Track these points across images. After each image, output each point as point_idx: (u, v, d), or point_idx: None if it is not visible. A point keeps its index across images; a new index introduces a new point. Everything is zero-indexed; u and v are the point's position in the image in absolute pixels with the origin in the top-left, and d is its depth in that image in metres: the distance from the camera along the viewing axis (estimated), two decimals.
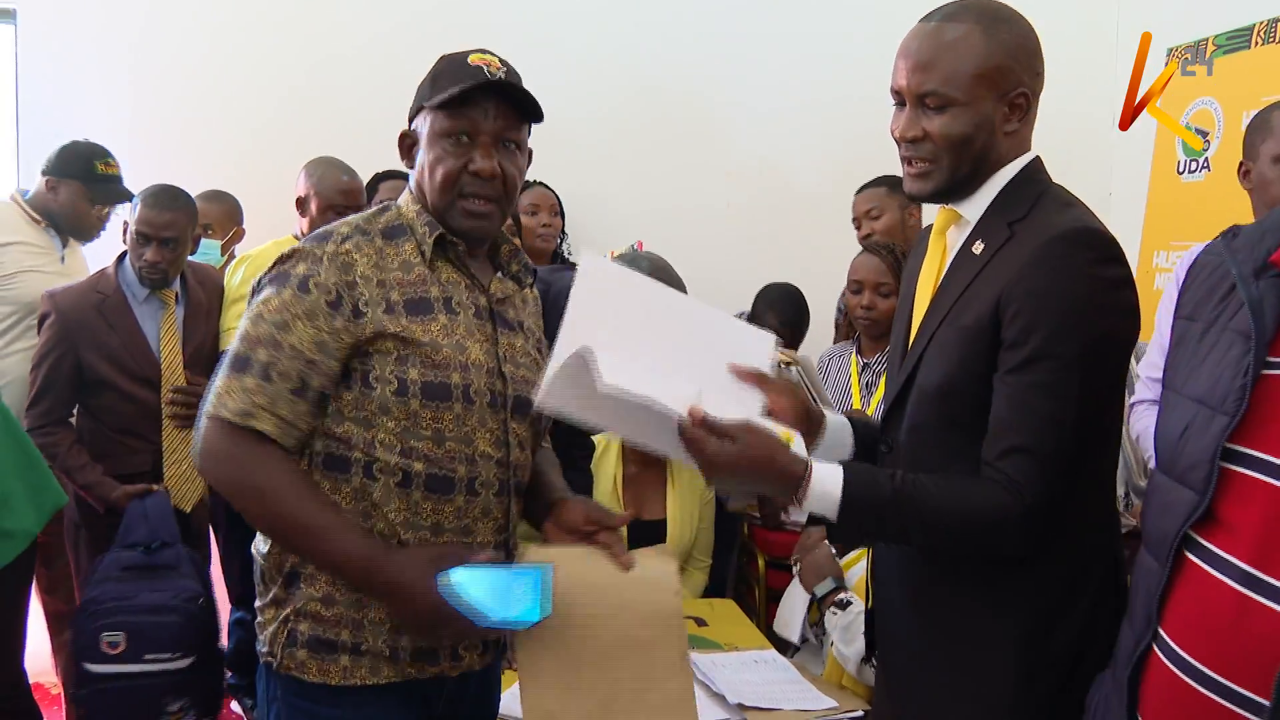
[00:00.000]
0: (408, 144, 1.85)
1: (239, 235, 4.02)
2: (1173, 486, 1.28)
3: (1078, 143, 4.56)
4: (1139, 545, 1.39)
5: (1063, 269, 1.54)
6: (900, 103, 1.71)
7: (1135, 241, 4.10)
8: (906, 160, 1.72)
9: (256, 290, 1.77)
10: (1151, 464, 1.45)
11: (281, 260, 1.75)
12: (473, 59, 1.77)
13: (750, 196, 4.71)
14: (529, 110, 1.80)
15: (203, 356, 3.36)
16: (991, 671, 1.63)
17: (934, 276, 1.76)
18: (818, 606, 2.71)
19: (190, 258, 3.83)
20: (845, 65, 4.55)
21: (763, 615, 3.34)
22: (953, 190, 1.71)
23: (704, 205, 4.64)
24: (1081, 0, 4.72)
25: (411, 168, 1.84)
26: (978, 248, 1.67)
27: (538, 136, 1.82)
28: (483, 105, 1.75)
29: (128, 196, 3.58)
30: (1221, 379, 1.23)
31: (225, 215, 4.04)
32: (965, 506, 1.58)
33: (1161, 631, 1.27)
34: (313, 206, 3.55)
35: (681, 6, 4.70)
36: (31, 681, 3.76)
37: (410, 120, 1.83)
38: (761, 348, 1.81)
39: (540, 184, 4.19)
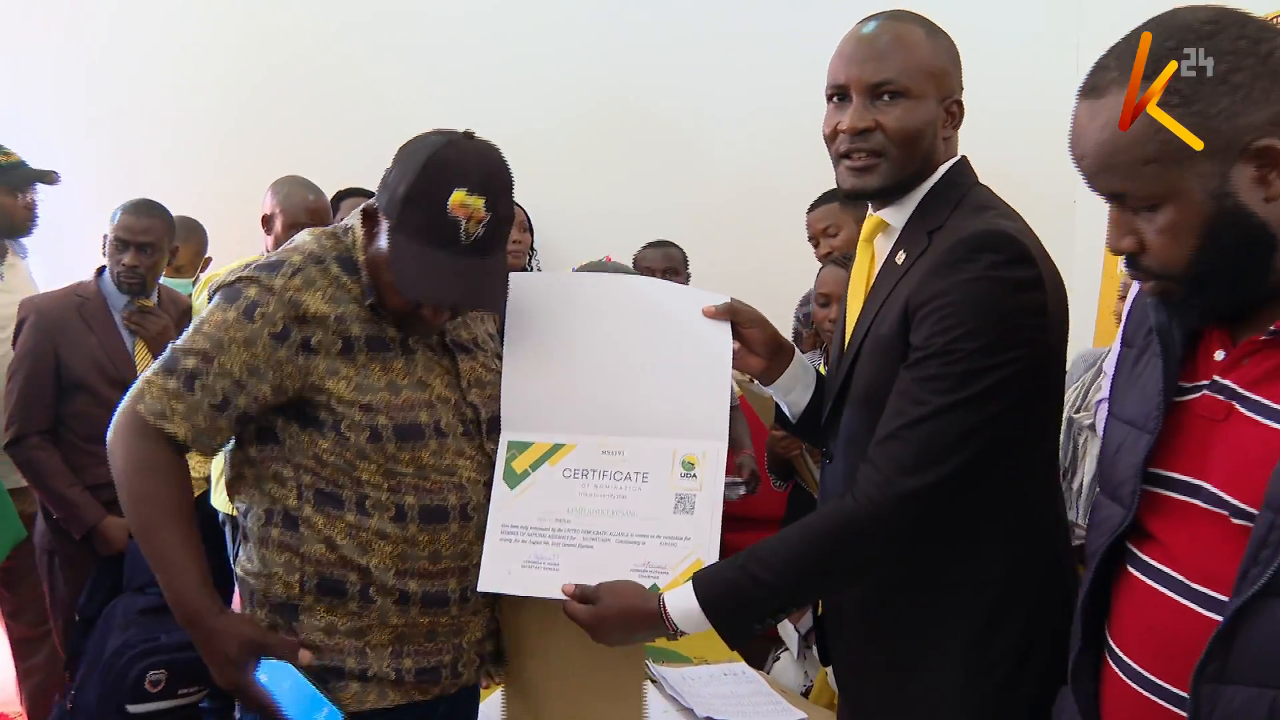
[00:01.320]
0: (372, 221, 1.75)
1: (207, 264, 4.01)
2: (1107, 503, 1.33)
3: (1040, 152, 4.55)
4: None
5: (963, 272, 1.54)
6: (839, 99, 1.70)
7: (1100, 248, 4.12)
8: (847, 155, 1.69)
9: (212, 296, 1.76)
10: None
11: (237, 278, 1.72)
12: (454, 203, 1.65)
13: (725, 206, 4.71)
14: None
15: None
16: (938, 672, 1.64)
17: (863, 285, 1.77)
18: (803, 641, 2.69)
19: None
20: (819, 70, 4.57)
21: (741, 644, 3.32)
22: (896, 189, 1.69)
23: (678, 216, 4.61)
24: (1043, 10, 4.76)
25: (368, 236, 1.76)
26: (900, 257, 1.67)
27: (507, 150, 1.79)
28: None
29: (44, 175, 3.58)
30: (1147, 400, 1.27)
31: (194, 252, 4.05)
32: (814, 535, 1.62)
33: (1111, 643, 1.31)
34: (278, 224, 3.51)
35: (651, 16, 4.70)
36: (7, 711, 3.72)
37: (374, 208, 1.74)
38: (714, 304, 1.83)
39: None
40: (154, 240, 3.36)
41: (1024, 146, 4.37)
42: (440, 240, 1.65)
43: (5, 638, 3.47)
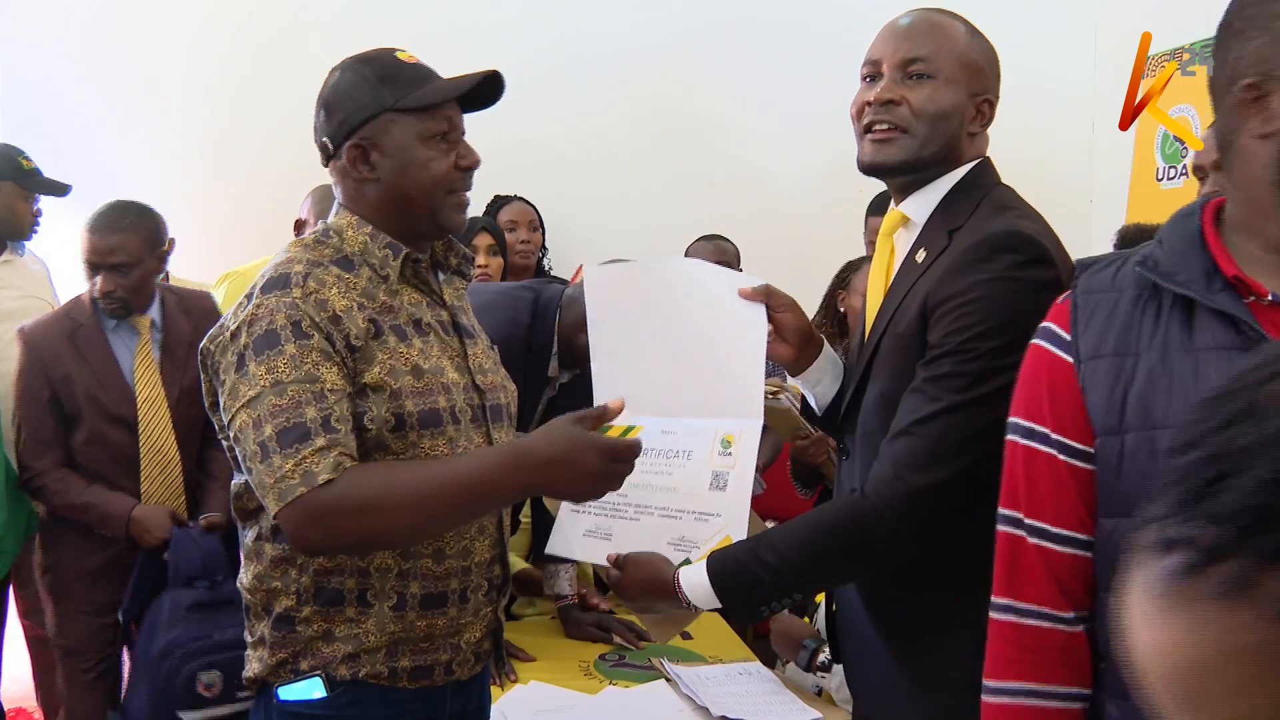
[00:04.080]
0: (362, 153, 1.73)
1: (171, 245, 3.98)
2: None
3: (1057, 151, 4.57)
4: None
5: (982, 271, 1.55)
6: (871, 77, 1.71)
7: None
8: (869, 127, 1.69)
9: (237, 364, 1.63)
10: None
11: (247, 326, 1.62)
12: (403, 57, 1.77)
13: (735, 207, 4.70)
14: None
15: (197, 397, 3.06)
16: (945, 670, 1.63)
17: (882, 280, 1.77)
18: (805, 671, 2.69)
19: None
20: (829, 74, 4.55)
21: (749, 626, 3.33)
22: (914, 168, 1.69)
23: (688, 216, 4.61)
24: (1059, 10, 4.74)
25: (362, 177, 1.74)
26: (920, 255, 1.68)
27: (518, 148, 1.82)
28: (453, 104, 1.77)
29: (58, 187, 3.57)
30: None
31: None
32: (821, 526, 1.65)
33: None
34: (308, 233, 3.48)
35: (665, 16, 4.69)
36: (14, 708, 3.74)
37: (351, 131, 1.73)
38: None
39: (519, 198, 4.17)
40: (128, 259, 2.93)
41: (1040, 145, 4.36)
42: (429, 74, 1.76)
43: (23, 636, 3.47)
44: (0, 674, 3.08)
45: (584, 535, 1.90)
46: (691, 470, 1.84)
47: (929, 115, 1.65)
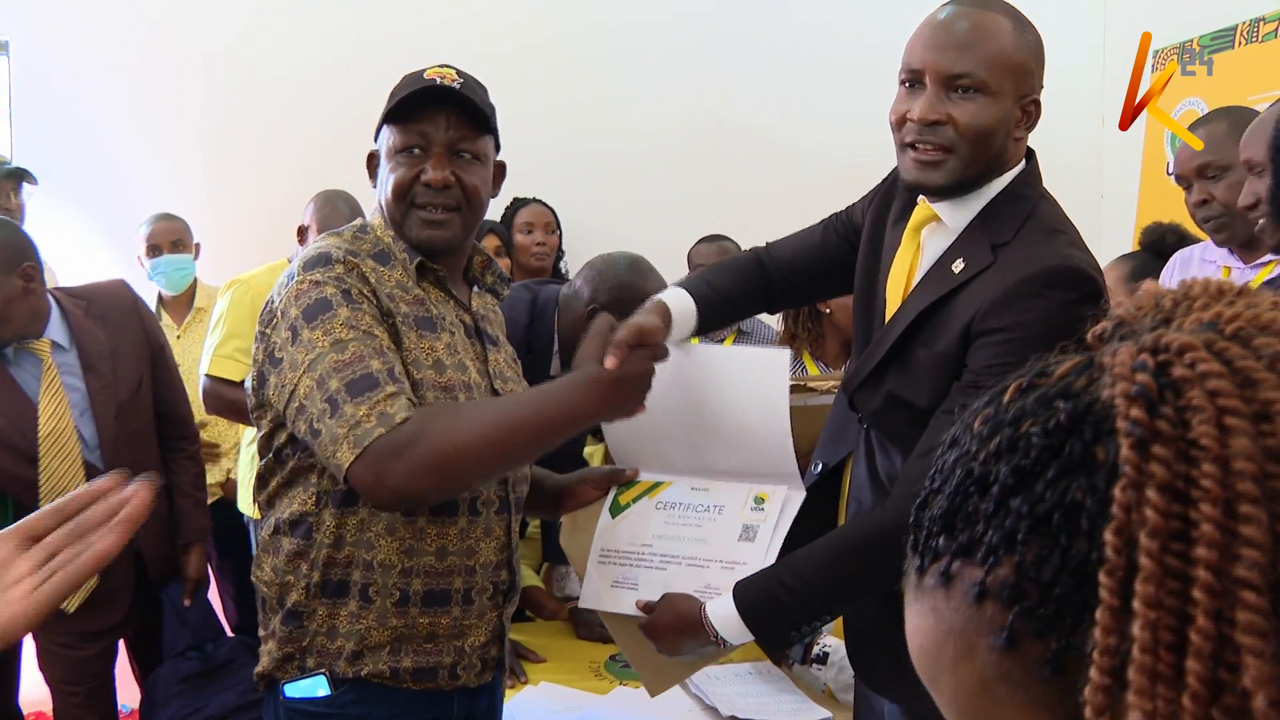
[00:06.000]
0: (374, 164, 1.83)
1: (198, 251, 3.98)
2: None
3: (1067, 146, 4.54)
4: None
5: (1032, 309, 1.51)
6: (911, 84, 1.61)
7: (1128, 243, 4.10)
8: (912, 145, 1.59)
9: (291, 337, 1.64)
10: None
11: (294, 300, 1.65)
12: (428, 73, 1.75)
13: (748, 213, 4.69)
14: (482, 121, 1.77)
15: (141, 407, 2.82)
16: None
17: (905, 273, 1.71)
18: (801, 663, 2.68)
19: (156, 278, 3.79)
20: (845, 78, 4.56)
21: (783, 652, 3.31)
22: (960, 188, 1.62)
23: (704, 219, 4.61)
24: (1068, 2, 4.73)
25: (376, 185, 1.83)
26: (958, 266, 1.61)
27: (537, 152, 1.81)
28: (434, 118, 1.74)
29: (21, 174, 3.41)
30: None
31: (189, 231, 3.94)
32: (842, 546, 1.67)
33: None
34: (310, 239, 3.47)
35: (683, 22, 4.69)
36: (34, 711, 3.75)
37: (375, 139, 1.83)
38: (776, 366, 1.84)
39: (537, 201, 4.18)
40: None
41: (1050, 141, 4.34)
42: (416, 89, 1.74)
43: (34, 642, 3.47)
44: (19, 679, 3.08)
45: (611, 586, 1.91)
46: (721, 524, 1.87)
47: (975, 135, 1.56)
